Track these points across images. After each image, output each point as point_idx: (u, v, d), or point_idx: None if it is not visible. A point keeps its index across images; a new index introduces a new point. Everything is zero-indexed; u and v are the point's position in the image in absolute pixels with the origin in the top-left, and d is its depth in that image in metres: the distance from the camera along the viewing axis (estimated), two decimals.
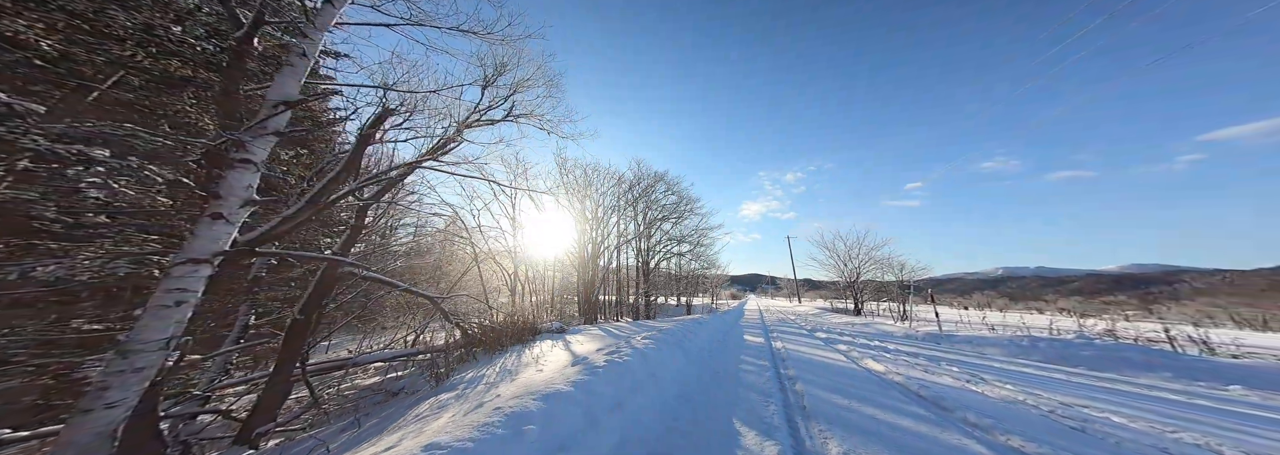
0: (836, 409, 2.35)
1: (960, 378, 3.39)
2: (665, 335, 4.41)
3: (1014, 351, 5.03)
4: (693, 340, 4.75)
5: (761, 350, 5.01)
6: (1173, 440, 1.94)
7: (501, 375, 2.98)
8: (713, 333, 6.68)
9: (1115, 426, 2.13)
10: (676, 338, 4.38)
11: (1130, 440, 1.91)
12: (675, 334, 4.62)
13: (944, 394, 2.74)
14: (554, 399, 1.75)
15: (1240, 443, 1.94)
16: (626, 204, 14.51)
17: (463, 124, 3.96)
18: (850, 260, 15.83)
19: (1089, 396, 2.85)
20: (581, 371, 2.30)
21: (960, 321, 10.30)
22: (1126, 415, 2.35)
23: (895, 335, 7.27)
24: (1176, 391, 3.14)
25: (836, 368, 3.78)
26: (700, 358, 4.11)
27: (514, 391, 1.99)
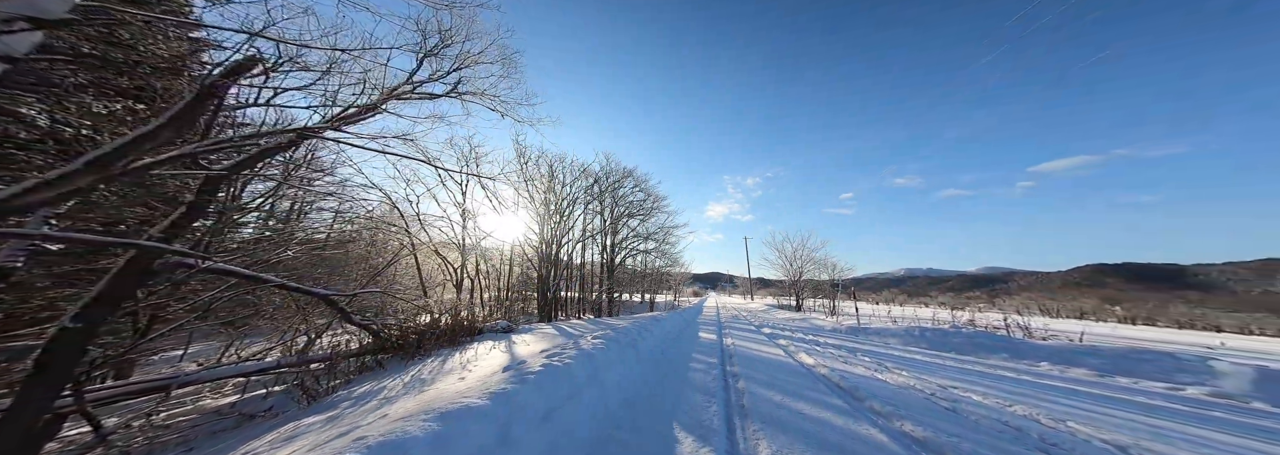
0: (771, 406, 2.46)
1: (870, 367, 3.89)
2: (620, 334, 4.28)
3: (908, 340, 6.05)
4: (647, 339, 4.71)
5: (713, 347, 5.20)
6: (1010, 413, 2.42)
7: (409, 387, 2.53)
8: (670, 330, 6.78)
9: (975, 405, 2.58)
10: (631, 337, 4.28)
11: (984, 416, 2.32)
12: (630, 332, 4.52)
13: (858, 384, 3.08)
14: (457, 417, 1.43)
15: (1048, 410, 2.49)
16: (592, 198, 14.04)
17: (388, 93, 3.24)
18: (795, 260, 17.69)
19: (958, 378, 3.47)
20: (509, 379, 2.00)
21: (872, 315, 12.24)
22: (980, 393, 2.90)
23: (825, 329, 8.25)
24: (1011, 369, 4.03)
25: (776, 363, 4.06)
26: (653, 357, 4.07)
27: (408, 409, 1.62)
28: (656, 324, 6.57)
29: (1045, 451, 1.79)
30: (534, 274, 10.49)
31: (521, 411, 1.70)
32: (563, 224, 11.73)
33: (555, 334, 4.95)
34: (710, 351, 4.74)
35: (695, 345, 5.27)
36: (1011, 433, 2.04)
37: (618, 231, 15.53)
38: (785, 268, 17.98)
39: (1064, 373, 3.95)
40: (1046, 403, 2.71)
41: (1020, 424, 2.19)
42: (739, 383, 3.12)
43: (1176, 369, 3.70)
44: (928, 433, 1.98)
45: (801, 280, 17.21)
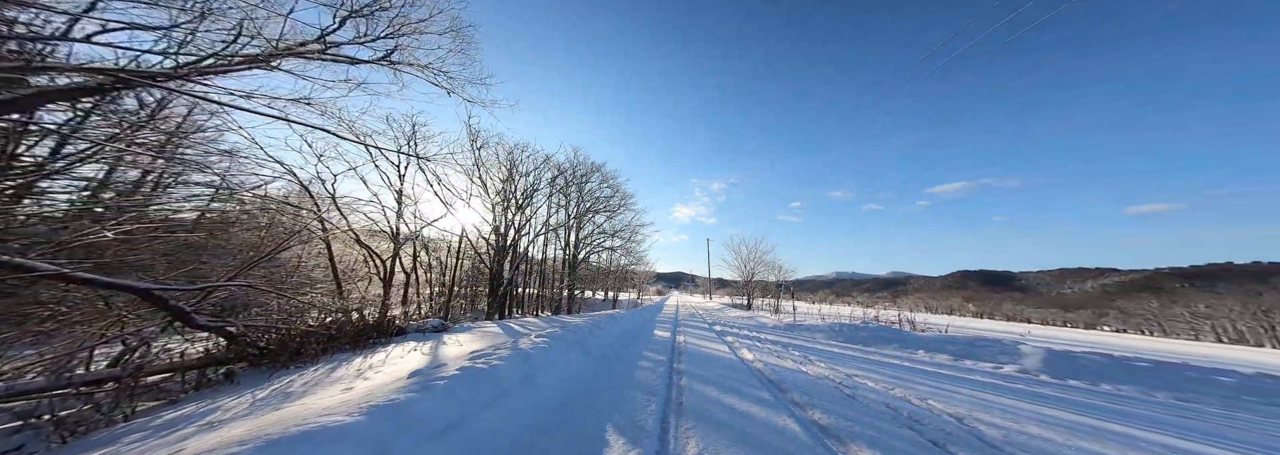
0: (707, 403, 2.59)
1: (797, 360, 4.37)
2: (570, 332, 4.13)
3: (830, 335, 7.00)
4: (599, 337, 4.63)
5: (665, 345, 5.33)
6: (891, 395, 2.92)
7: (261, 405, 2.06)
8: (627, 328, 6.80)
9: (869, 390, 3.06)
10: (581, 335, 4.16)
11: (873, 400, 2.76)
12: (582, 330, 4.40)
13: (784, 377, 3.43)
14: (303, 442, 1.13)
15: (918, 392, 3.07)
16: (556, 191, 13.41)
17: (282, 48, 2.56)
18: (748, 262, 19.23)
19: (861, 367, 4.08)
20: (410, 386, 1.73)
21: (807, 313, 13.94)
22: (874, 380, 3.45)
23: (768, 326, 9.11)
24: (898, 357, 4.90)
25: (719, 360, 4.32)
26: (602, 355, 4.00)
27: (228, 439, 1.22)
28: (613, 322, 6.53)
29: (910, 427, 2.18)
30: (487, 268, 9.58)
31: (413, 426, 1.46)
32: (522, 216, 10.94)
33: (498, 333, 4.58)
34: (662, 349, 4.85)
35: (649, 343, 5.35)
36: (890, 413, 2.45)
37: (582, 227, 15.09)
38: (740, 269, 19.46)
39: (932, 359, 4.94)
40: (918, 385, 3.33)
41: (897, 405, 2.64)
42: (682, 380, 3.23)
43: (1000, 352, 4.90)
44: (831, 420, 2.27)
45: (753, 281, 18.80)
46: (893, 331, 6.53)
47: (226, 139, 5.13)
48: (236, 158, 5.08)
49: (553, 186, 12.28)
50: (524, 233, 11.93)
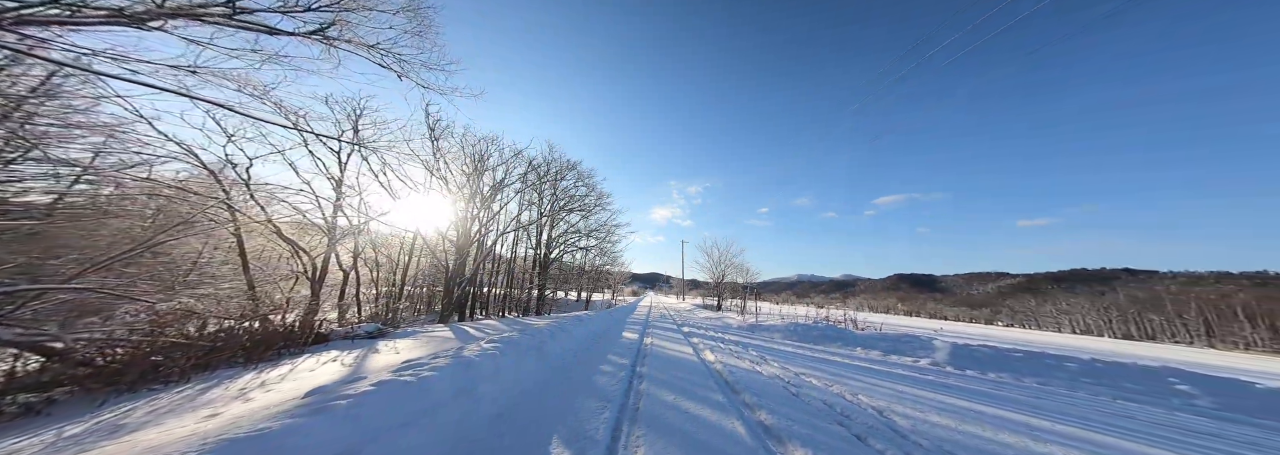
0: (663, 408, 2.61)
1: (754, 361, 4.62)
2: (529, 336, 3.92)
3: (786, 334, 7.55)
4: (562, 341, 4.47)
5: (631, 347, 5.33)
6: (829, 392, 3.20)
7: (59, 447, 1.59)
8: (594, 330, 6.68)
9: (811, 388, 3.32)
10: (541, 339, 3.98)
11: (814, 398, 3.00)
12: (543, 334, 4.21)
13: (740, 378, 3.60)
14: None
15: (851, 387, 3.40)
16: (529, 187, 12.82)
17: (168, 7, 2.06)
18: (719, 264, 20.07)
19: (809, 366, 4.43)
20: (298, 410, 1.42)
21: (769, 313, 14.93)
22: (817, 377, 3.76)
23: (733, 327, 9.56)
24: (840, 354, 5.42)
25: (683, 362, 4.41)
26: (561, 361, 3.87)
27: None
28: (580, 324, 6.37)
29: (840, 423, 2.41)
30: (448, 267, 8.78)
31: None
32: (489, 212, 10.25)
33: (449, 337, 4.21)
34: (626, 352, 4.83)
35: (615, 346, 5.30)
36: (826, 410, 2.68)
37: (555, 225, 14.58)
38: (711, 270, 20.23)
39: (866, 355, 5.56)
40: (852, 381, 3.70)
41: (832, 401, 2.90)
42: (642, 384, 3.23)
43: (919, 347, 5.66)
44: (775, 420, 2.42)
45: (723, 283, 19.65)
46: (838, 330, 7.22)
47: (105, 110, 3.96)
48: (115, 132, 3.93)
49: (524, 182, 11.66)
50: (490, 229, 11.19)
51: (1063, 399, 3.46)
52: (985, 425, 2.48)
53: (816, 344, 6.58)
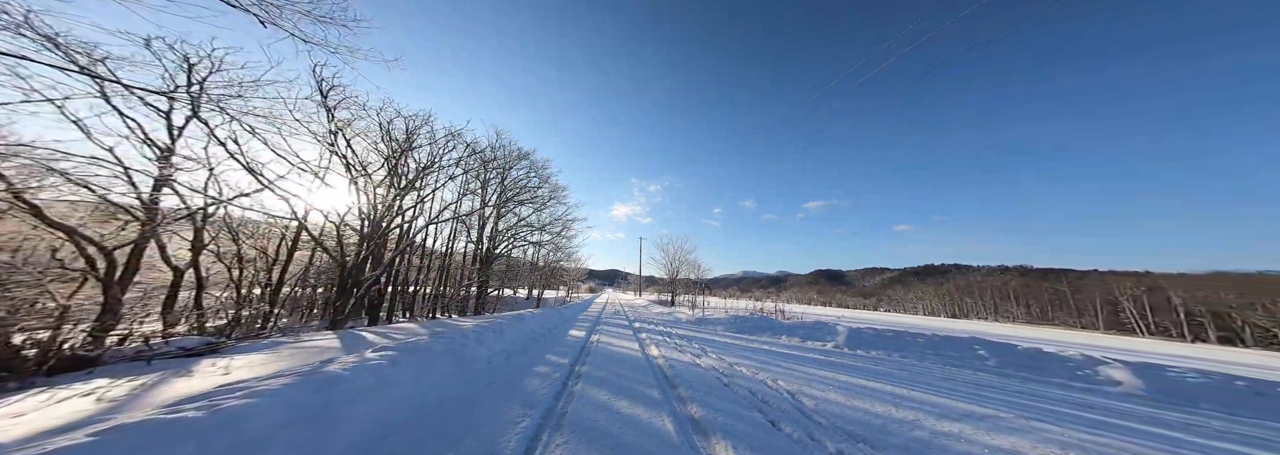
0: (594, 410, 2.44)
1: (695, 354, 4.80)
2: (445, 340, 3.33)
3: (727, 327, 8.19)
4: (489, 343, 3.95)
5: (575, 346, 5.03)
6: (756, 380, 3.47)
7: None
8: (534, 329, 6.18)
9: (742, 377, 3.56)
10: (462, 342, 3.43)
11: (742, 386, 3.20)
12: (465, 337, 3.64)
13: (680, 372, 3.67)
14: None
15: (774, 374, 3.76)
16: (470, 175, 11.26)
17: None
18: (674, 261, 20.90)
19: (742, 355, 4.79)
20: None
21: (717, 307, 16.14)
22: (747, 367, 4.07)
23: (682, 321, 9.95)
24: (769, 343, 6.04)
25: (626, 359, 4.31)
26: (487, 365, 3.39)
27: None
28: (520, 323, 5.81)
29: (759, 409, 2.59)
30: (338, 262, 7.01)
31: None
32: (414, 199, 8.59)
33: (328, 348, 3.31)
34: (568, 352, 4.53)
35: (557, 345, 4.94)
36: (750, 398, 2.86)
37: (502, 218, 13.14)
38: (667, 267, 20.95)
39: (789, 342, 6.34)
40: (775, 367, 4.11)
41: (756, 389, 3.13)
42: (578, 385, 3.02)
43: (827, 333, 6.70)
44: (704, 413, 2.47)
45: (678, 279, 20.53)
46: (769, 321, 8.12)
47: None
48: None
49: (462, 168, 10.08)
50: (414, 219, 9.45)
51: (915, 368, 4.44)
52: (866, 398, 2.96)
53: (752, 334, 7.27)
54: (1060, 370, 4.46)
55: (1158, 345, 14.55)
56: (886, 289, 77.67)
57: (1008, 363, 4.79)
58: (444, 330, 4.29)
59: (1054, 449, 2.10)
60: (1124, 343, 14.15)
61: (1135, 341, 16.34)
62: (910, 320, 21.31)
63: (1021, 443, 2.15)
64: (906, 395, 3.11)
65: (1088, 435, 2.35)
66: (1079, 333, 21.96)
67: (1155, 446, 2.24)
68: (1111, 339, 16.69)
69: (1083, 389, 3.88)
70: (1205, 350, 13.23)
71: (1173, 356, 8.72)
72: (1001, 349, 5.13)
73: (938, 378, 3.95)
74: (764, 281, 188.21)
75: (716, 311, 12.53)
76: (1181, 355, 9.37)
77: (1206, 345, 19.70)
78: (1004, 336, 9.30)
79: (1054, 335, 15.36)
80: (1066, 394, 3.59)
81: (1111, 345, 11.56)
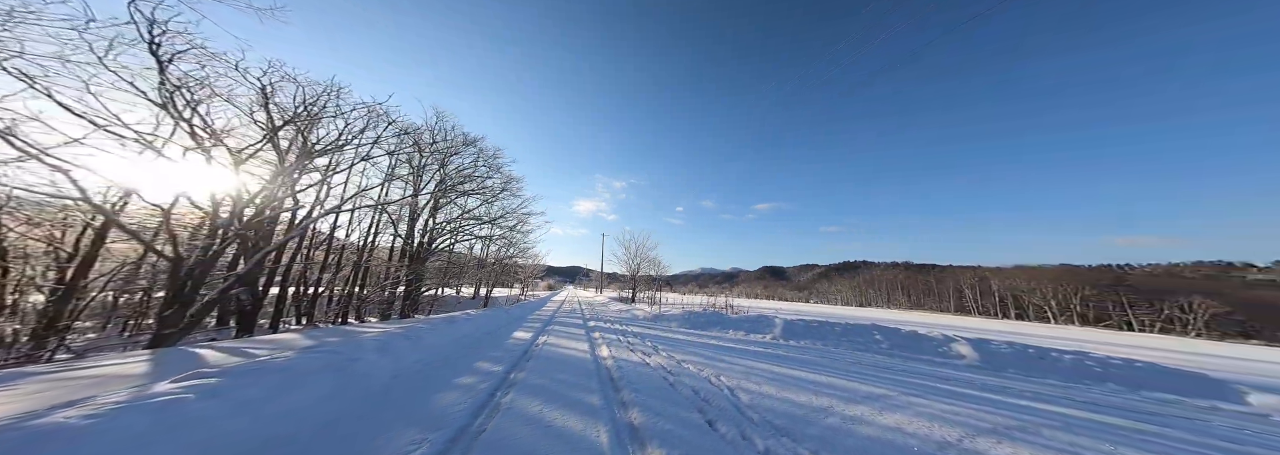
0: (520, 424, 2.13)
1: (645, 352, 4.74)
2: (324, 355, 2.61)
3: (681, 323, 8.44)
4: (397, 354, 3.27)
5: (516, 350, 4.53)
6: (700, 376, 3.52)
7: None
8: (469, 333, 5.45)
9: (687, 375, 3.58)
10: (351, 356, 2.74)
11: (686, 385, 3.21)
12: (360, 349, 2.93)
13: (627, 373, 3.54)
14: None
15: (718, 369, 3.86)
16: (399, 160, 9.50)
17: None
18: (635, 257, 20.96)
19: (692, 352, 4.87)
20: None
21: (674, 303, 16.68)
22: (695, 363, 4.15)
23: (639, 318, 9.96)
24: (717, 337, 6.33)
25: (572, 361, 4.02)
26: (389, 381, 2.77)
27: None
28: (449, 327, 5.05)
29: (700, 410, 2.60)
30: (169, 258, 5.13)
31: None
32: (315, 182, 6.79)
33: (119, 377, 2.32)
34: (506, 357, 4.03)
35: (492, 351, 4.36)
36: (692, 398, 2.87)
37: (440, 209, 11.43)
38: (628, 264, 20.93)
39: (735, 335, 6.78)
40: (720, 362, 4.26)
41: (700, 386, 3.17)
42: (508, 396, 2.65)
43: (767, 325, 7.37)
44: (644, 418, 2.36)
45: (639, 275, 20.67)
46: (719, 316, 8.62)
47: None
48: None
49: (384, 149, 8.31)
50: (318, 205, 7.57)
51: (832, 355, 5.11)
52: (794, 388, 3.22)
53: (703, 329, 7.61)
54: (929, 347, 5.62)
55: (986, 323, 19.88)
56: (816, 283, 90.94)
57: (896, 344, 5.86)
58: (339, 340, 3.42)
59: (923, 420, 2.52)
60: (965, 322, 18.96)
61: (972, 320, 22.05)
62: (831, 310, 25.15)
63: (903, 420, 2.53)
64: (825, 382, 3.49)
65: (945, 405, 2.91)
66: (941, 315, 28.69)
67: (986, 409, 2.86)
68: (958, 319, 22.29)
69: (942, 363, 4.92)
70: (1009, 325, 18.51)
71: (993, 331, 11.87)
72: (891, 333, 6.26)
73: (849, 363, 4.59)
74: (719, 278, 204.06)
75: (674, 308, 12.93)
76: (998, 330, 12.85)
77: (1009, 321, 27.64)
78: (893, 321, 11.52)
79: (924, 318, 19.75)
80: (933, 369, 4.49)
81: (959, 324, 15.34)
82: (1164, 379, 4.03)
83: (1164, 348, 10.12)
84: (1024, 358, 4.85)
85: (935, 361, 5.00)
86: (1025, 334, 11.44)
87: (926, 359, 5.14)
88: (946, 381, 3.79)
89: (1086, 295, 32.55)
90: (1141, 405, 3.28)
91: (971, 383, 3.81)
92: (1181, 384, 3.89)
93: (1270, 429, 2.80)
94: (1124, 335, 18.16)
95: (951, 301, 47.55)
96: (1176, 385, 3.87)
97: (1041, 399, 3.29)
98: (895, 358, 5.15)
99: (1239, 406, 3.44)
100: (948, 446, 2.10)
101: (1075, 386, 3.89)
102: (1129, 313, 30.36)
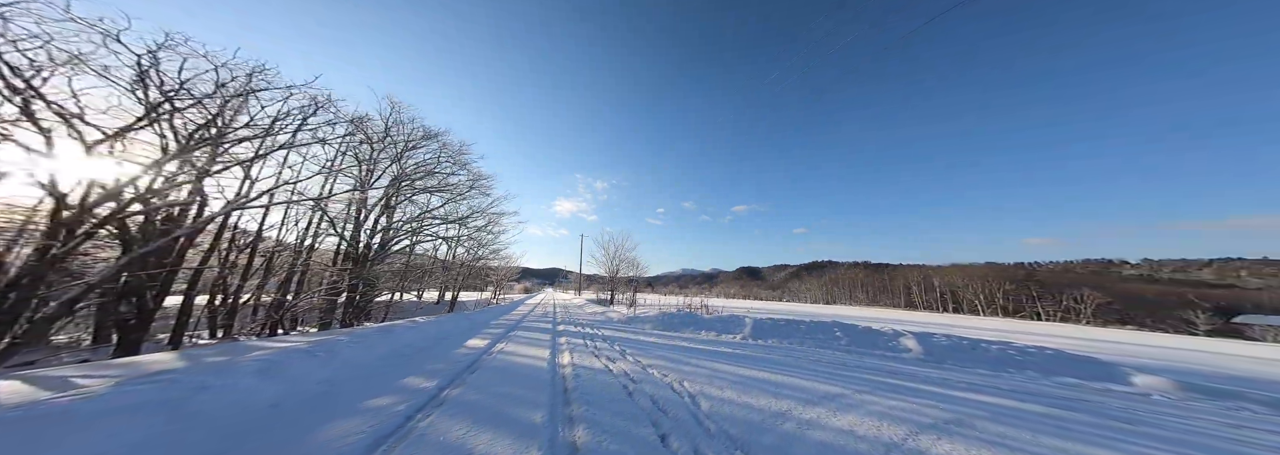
0: (432, 452, 1.80)
1: (611, 357, 4.46)
2: (162, 387, 2.06)
3: (655, 324, 8.29)
4: (290, 377, 2.71)
5: (461, 362, 3.99)
6: (662, 383, 3.32)
7: None
8: (412, 342, 4.83)
9: (650, 382, 3.36)
10: (202, 384, 2.19)
11: (647, 393, 2.98)
12: (233, 373, 2.37)
13: (584, 383, 3.24)
14: None
15: (682, 374, 3.68)
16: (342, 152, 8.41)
17: None
18: (614, 258, 20.57)
19: (659, 355, 4.66)
20: None
21: (651, 305, 16.59)
22: (659, 369, 3.93)
23: (613, 320, 9.67)
24: (690, 340, 6.19)
25: (524, 372, 3.63)
26: (267, 411, 2.20)
27: None
28: (382, 338, 4.41)
29: (655, 423, 2.39)
30: None
31: None
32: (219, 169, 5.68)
33: None
34: (442, 372, 3.48)
35: (430, 364, 3.80)
36: (650, 408, 2.65)
37: (394, 206, 10.33)
38: (607, 265, 20.51)
39: (706, 336, 6.74)
40: (687, 365, 4.10)
41: (660, 394, 2.96)
42: (430, 418, 2.25)
43: (737, 326, 7.45)
44: (589, 436, 2.10)
45: (618, 277, 20.31)
46: (693, 316, 8.59)
47: None
48: None
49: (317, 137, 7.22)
50: (234, 201, 6.41)
51: (796, 353, 5.22)
52: (755, 392, 3.14)
53: (676, 331, 7.51)
54: (881, 342, 5.97)
55: (930, 317, 22.15)
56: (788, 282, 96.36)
57: (854, 341, 6.16)
58: (221, 360, 2.75)
59: (873, 420, 2.53)
60: (913, 316, 20.97)
61: (919, 315, 24.48)
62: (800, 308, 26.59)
63: (855, 420, 2.52)
64: (785, 383, 3.47)
65: (894, 401, 2.98)
66: (893, 311, 31.59)
67: (929, 403, 2.98)
68: (908, 314, 24.63)
69: (892, 357, 5.22)
70: (948, 318, 20.76)
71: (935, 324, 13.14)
72: (849, 329, 6.60)
73: (810, 361, 4.68)
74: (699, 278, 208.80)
75: (650, 309, 12.79)
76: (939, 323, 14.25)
77: (949, 314, 31.15)
78: (853, 318, 12.34)
79: (879, 314, 21.59)
80: (883, 363, 4.72)
81: (907, 319, 16.88)
82: (1068, 365, 4.58)
83: (1064, 335, 11.84)
84: (959, 349, 5.29)
85: (887, 356, 5.29)
86: (960, 326, 12.84)
87: (879, 354, 5.43)
88: (895, 375, 3.96)
89: (1007, 290, 38.39)
90: (1053, 390, 3.63)
91: (916, 376, 4.01)
92: (1082, 369, 4.44)
93: (1154, 408, 3.12)
94: (1035, 324, 21.32)
95: (901, 298, 53.06)
96: (1078, 370, 4.41)
97: (975, 389, 3.52)
98: (852, 353, 5.38)
99: (1126, 388, 3.94)
100: (894, 448, 2.08)
101: (1001, 375, 4.28)
102: (1037, 304, 36.05)
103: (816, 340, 6.28)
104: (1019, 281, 41.13)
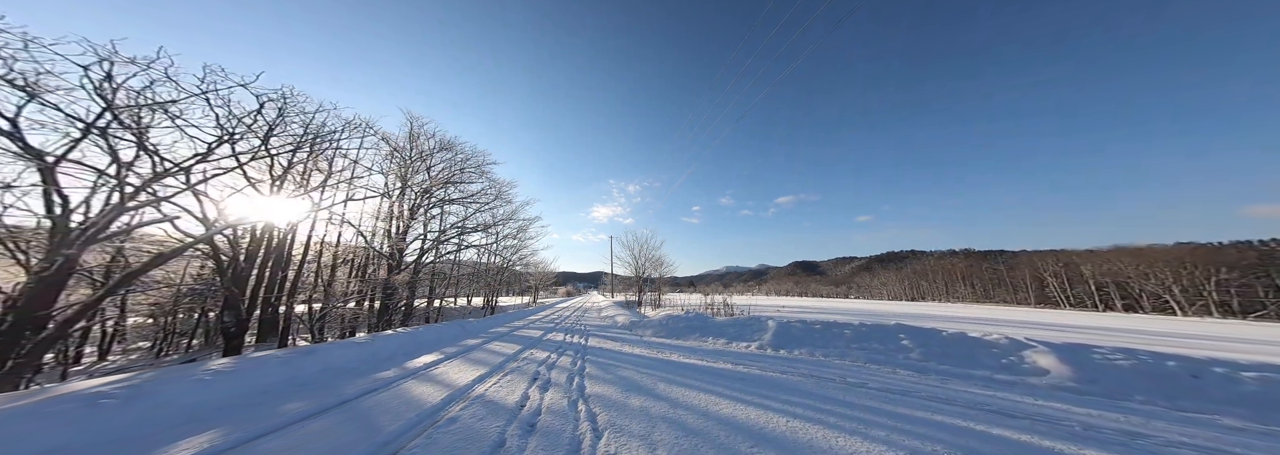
0: None
1: (607, 367, 3.79)
2: None
3: (657, 331, 7.08)
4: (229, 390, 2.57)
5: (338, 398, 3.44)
6: (576, 435, 2.43)
7: None
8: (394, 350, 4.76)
9: (551, 435, 2.48)
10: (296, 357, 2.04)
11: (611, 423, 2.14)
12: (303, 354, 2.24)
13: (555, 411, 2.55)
14: None
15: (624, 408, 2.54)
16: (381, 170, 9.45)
17: None
18: (640, 259, 19.69)
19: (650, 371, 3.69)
20: None
21: (674, 306, 15.14)
22: (599, 402, 2.97)
23: (617, 325, 8.71)
24: (688, 349, 5.06)
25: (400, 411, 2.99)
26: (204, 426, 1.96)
27: None
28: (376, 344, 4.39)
29: None
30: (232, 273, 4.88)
31: None
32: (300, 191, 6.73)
33: None
34: None
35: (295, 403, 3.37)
36: None
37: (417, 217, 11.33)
38: (633, 266, 19.82)
39: (713, 345, 5.41)
40: (643, 398, 2.98)
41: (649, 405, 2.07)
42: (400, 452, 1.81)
43: (757, 329, 5.91)
44: None
45: (643, 278, 19.42)
46: (702, 320, 7.25)
47: None
48: None
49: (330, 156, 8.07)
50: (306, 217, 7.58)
51: (828, 371, 3.65)
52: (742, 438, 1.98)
53: (680, 338, 6.34)
54: (985, 358, 3.89)
55: (1079, 317, 15.65)
56: (855, 276, 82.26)
57: (931, 353, 4.17)
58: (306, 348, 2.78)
59: None
60: (1051, 317, 15.09)
61: (1059, 315, 17.64)
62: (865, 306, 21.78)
63: None
64: (785, 430, 2.19)
65: None
66: (1016, 309, 23.65)
67: None
68: (1041, 313, 17.99)
69: (1006, 382, 3.27)
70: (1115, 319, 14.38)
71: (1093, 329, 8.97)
72: (926, 336, 4.53)
73: (847, 385, 3.15)
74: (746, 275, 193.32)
75: (674, 310, 11.61)
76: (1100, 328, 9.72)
77: (1114, 314, 21.91)
78: (944, 318, 9.19)
79: (992, 313, 16.15)
80: (990, 394, 2.90)
81: (1040, 320, 12.09)
82: None
83: None
84: (1159, 376, 3.01)
85: (995, 381, 3.33)
86: (1144, 333, 8.16)
87: (981, 376, 3.48)
88: (1009, 423, 2.24)
89: (1224, 279, 24.37)
90: None
91: (1063, 426, 2.17)
92: None
93: None
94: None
95: (1031, 292, 39.63)
96: None
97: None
98: (927, 373, 3.56)
99: None
100: None
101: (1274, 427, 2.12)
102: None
103: (869, 351, 4.46)
104: (1248, 267, 26.67)
